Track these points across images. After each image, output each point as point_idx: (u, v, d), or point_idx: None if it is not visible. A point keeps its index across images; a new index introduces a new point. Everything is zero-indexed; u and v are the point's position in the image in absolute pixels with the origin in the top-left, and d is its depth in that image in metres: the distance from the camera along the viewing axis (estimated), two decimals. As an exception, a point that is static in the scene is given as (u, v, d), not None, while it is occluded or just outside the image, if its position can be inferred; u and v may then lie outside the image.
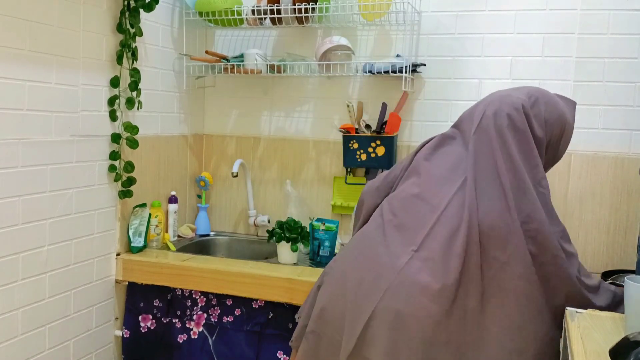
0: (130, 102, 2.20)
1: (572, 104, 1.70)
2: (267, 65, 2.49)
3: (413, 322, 1.43)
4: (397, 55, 2.39)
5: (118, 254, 2.25)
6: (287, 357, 2.09)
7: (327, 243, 2.23)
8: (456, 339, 1.44)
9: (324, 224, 2.24)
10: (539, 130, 1.58)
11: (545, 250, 1.48)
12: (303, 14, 2.35)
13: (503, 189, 1.50)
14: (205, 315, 2.19)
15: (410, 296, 1.44)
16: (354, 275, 1.55)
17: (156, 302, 2.24)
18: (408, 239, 1.52)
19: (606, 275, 1.98)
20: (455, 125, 1.71)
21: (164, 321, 2.24)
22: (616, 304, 1.56)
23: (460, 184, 1.54)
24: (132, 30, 2.17)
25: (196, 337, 2.20)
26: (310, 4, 2.35)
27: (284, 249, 2.21)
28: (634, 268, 1.97)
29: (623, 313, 1.41)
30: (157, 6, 2.22)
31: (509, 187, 1.49)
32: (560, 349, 1.49)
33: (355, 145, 2.39)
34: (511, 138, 1.54)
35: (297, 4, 2.33)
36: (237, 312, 2.15)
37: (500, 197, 1.49)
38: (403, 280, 1.46)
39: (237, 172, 2.48)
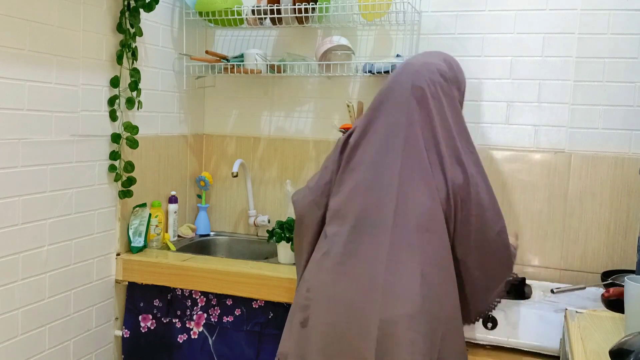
0: (130, 102, 2.20)
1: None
2: (267, 65, 2.49)
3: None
4: (397, 55, 2.39)
5: (118, 254, 2.25)
6: (287, 357, 2.09)
7: (327, 243, 2.23)
8: None
9: (324, 224, 2.24)
10: (457, 92, 1.69)
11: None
12: (303, 14, 2.35)
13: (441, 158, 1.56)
14: (205, 315, 2.19)
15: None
16: (345, 299, 1.52)
17: (156, 302, 2.24)
18: (378, 240, 1.52)
19: (606, 275, 1.99)
20: (377, 104, 1.69)
21: (164, 321, 2.24)
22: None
23: (400, 163, 1.56)
24: (132, 30, 2.17)
25: (196, 337, 2.20)
26: (310, 4, 2.35)
27: (284, 249, 2.21)
28: (634, 268, 1.97)
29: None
30: (157, 6, 2.22)
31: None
32: (560, 349, 1.49)
33: (355, 145, 2.39)
34: (444, 104, 1.62)
35: (297, 4, 2.33)
36: (237, 312, 2.15)
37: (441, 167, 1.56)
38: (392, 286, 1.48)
39: (237, 172, 2.48)
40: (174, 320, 2.23)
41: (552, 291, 2.02)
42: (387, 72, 2.31)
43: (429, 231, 1.51)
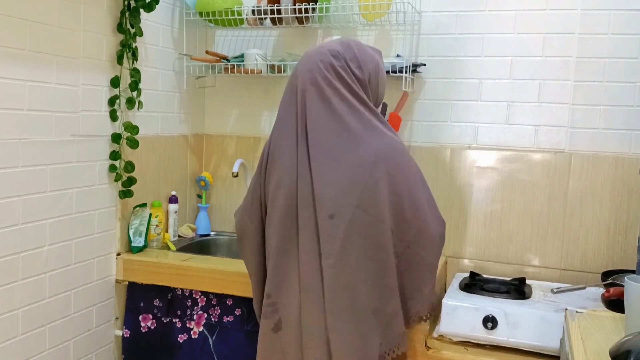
0: (130, 102, 2.20)
1: (378, 51, 1.80)
2: (267, 65, 2.49)
3: None
4: (398, 55, 2.39)
5: (118, 254, 2.25)
6: (287, 357, 2.09)
7: (327, 243, 2.23)
8: None
9: (324, 223, 2.24)
10: (357, 71, 1.67)
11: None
12: (303, 14, 2.35)
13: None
14: (205, 315, 2.19)
15: None
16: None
17: (156, 302, 2.24)
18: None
19: (606, 275, 1.99)
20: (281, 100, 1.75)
21: (164, 321, 2.24)
22: None
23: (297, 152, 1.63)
24: (132, 30, 2.17)
25: (196, 336, 2.20)
26: (311, 4, 2.35)
27: (284, 249, 2.20)
28: (634, 268, 1.97)
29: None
30: (157, 6, 2.22)
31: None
32: (560, 349, 1.49)
33: (356, 145, 2.39)
34: (338, 81, 1.63)
35: (297, 4, 2.33)
36: (238, 311, 2.15)
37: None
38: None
39: (237, 172, 2.48)
40: (174, 320, 2.23)
41: (552, 291, 2.02)
42: (387, 72, 2.31)
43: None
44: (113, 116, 2.15)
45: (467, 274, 2.18)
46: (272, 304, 1.65)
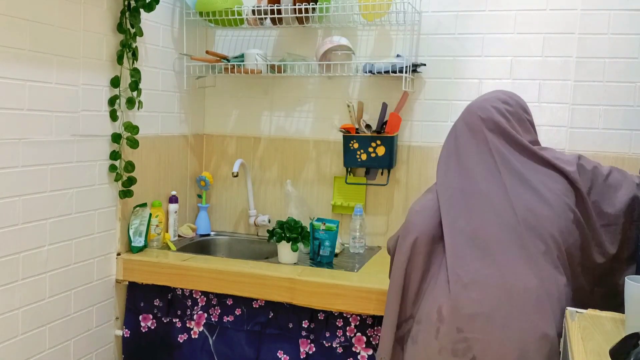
0: (130, 102, 2.20)
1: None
2: (267, 65, 2.49)
3: None
4: (397, 55, 2.39)
5: (118, 254, 2.25)
6: (287, 357, 2.09)
7: (327, 243, 2.23)
8: None
9: (324, 223, 2.24)
10: (528, 116, 1.73)
11: None
12: (303, 14, 2.35)
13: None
14: (205, 315, 2.19)
15: None
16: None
17: (156, 302, 2.24)
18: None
19: (606, 275, 1.98)
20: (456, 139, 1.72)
21: (165, 321, 2.24)
22: None
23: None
24: (132, 30, 2.17)
25: (196, 336, 2.20)
26: (311, 4, 2.35)
27: (284, 249, 2.21)
28: (634, 268, 1.96)
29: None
30: (157, 6, 2.22)
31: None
32: (560, 349, 1.49)
33: (356, 145, 2.39)
34: (513, 124, 1.66)
35: (297, 4, 2.33)
36: (238, 311, 2.15)
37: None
38: None
39: (237, 172, 2.48)
40: (174, 320, 2.23)
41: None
42: (387, 72, 2.31)
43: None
44: (113, 116, 2.15)
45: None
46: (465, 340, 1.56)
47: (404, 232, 1.70)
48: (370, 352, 2.00)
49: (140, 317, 2.26)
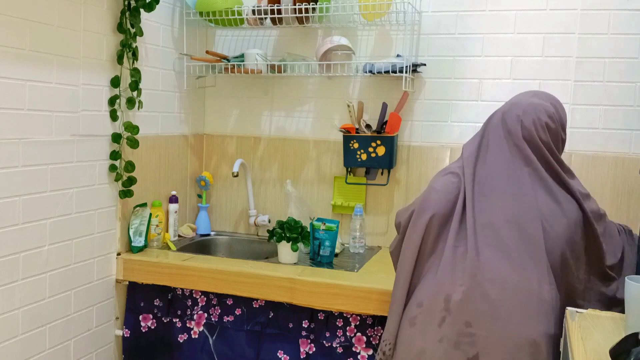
0: (130, 102, 2.20)
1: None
2: (267, 65, 2.49)
3: None
4: (398, 55, 2.39)
5: (118, 254, 2.25)
6: (287, 357, 2.09)
7: (327, 243, 2.23)
8: None
9: (325, 223, 2.24)
10: (563, 134, 1.69)
11: None
12: (303, 14, 2.35)
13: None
14: (205, 314, 2.19)
15: None
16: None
17: (157, 302, 2.24)
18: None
19: (606, 275, 1.98)
20: (485, 134, 1.70)
21: (165, 321, 2.24)
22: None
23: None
24: (132, 30, 2.17)
25: (197, 336, 2.20)
26: (311, 4, 2.35)
27: (284, 249, 2.21)
28: (634, 268, 1.96)
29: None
30: (157, 6, 2.22)
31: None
32: (561, 349, 1.49)
33: (356, 145, 2.39)
34: (549, 147, 1.63)
35: (297, 4, 2.33)
36: (238, 311, 2.15)
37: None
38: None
39: (237, 172, 2.48)
40: (174, 320, 2.23)
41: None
42: (387, 72, 2.31)
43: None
44: (113, 116, 2.15)
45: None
46: (471, 335, 1.55)
47: (421, 207, 1.67)
48: (371, 352, 2.00)
49: (141, 317, 2.26)
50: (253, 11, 2.43)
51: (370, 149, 2.37)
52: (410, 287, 1.65)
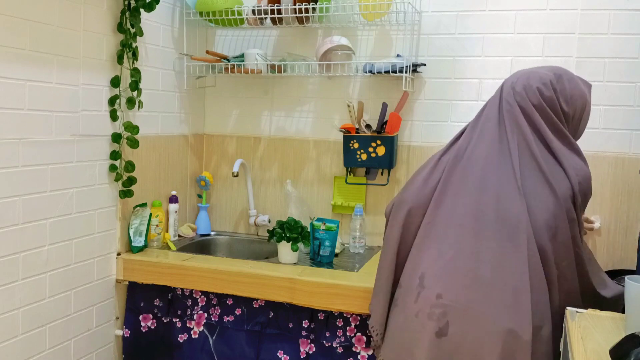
0: (130, 102, 2.20)
1: (589, 85, 1.76)
2: (267, 65, 2.49)
3: None
4: (398, 55, 2.39)
5: (118, 254, 2.25)
6: (287, 357, 2.09)
7: (327, 243, 2.23)
8: None
9: (325, 223, 2.24)
10: (565, 105, 1.66)
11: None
12: (303, 14, 2.35)
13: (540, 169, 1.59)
14: (205, 314, 2.19)
15: None
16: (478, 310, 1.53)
17: (157, 302, 2.24)
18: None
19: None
20: (481, 113, 1.72)
21: (165, 321, 2.24)
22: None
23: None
24: (132, 30, 2.17)
25: (197, 336, 2.20)
26: (311, 4, 2.35)
27: (284, 249, 2.21)
28: (634, 268, 1.97)
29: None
30: (157, 6, 2.22)
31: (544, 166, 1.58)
32: (561, 349, 1.49)
33: (356, 145, 2.39)
34: (542, 112, 1.62)
35: (297, 4, 2.33)
36: (238, 311, 2.15)
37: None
38: None
39: (237, 172, 2.48)
40: (174, 320, 2.23)
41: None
42: (387, 72, 2.31)
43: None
44: (113, 116, 2.15)
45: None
46: (443, 306, 1.58)
47: (398, 201, 1.74)
48: (371, 352, 2.00)
49: (141, 317, 2.26)
50: (253, 11, 2.43)
51: (370, 149, 2.37)
52: (395, 277, 1.72)
